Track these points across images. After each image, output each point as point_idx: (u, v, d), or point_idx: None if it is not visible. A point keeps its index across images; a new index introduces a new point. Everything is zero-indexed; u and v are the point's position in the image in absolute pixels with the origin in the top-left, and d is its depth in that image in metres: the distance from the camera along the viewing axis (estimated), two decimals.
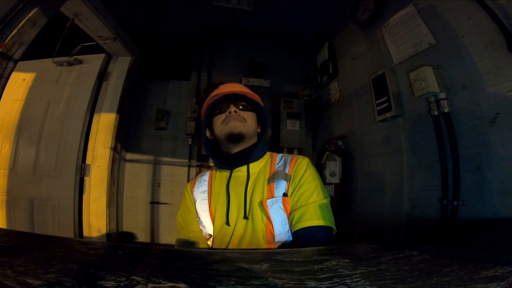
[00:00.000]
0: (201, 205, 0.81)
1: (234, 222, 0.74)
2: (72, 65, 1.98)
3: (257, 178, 0.78)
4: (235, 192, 0.77)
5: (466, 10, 0.96)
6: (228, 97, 0.80)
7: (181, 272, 0.39)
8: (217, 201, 0.79)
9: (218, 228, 0.76)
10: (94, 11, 1.51)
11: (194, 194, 0.84)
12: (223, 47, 2.42)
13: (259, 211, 0.73)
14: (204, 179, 0.87)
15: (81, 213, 1.83)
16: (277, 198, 0.72)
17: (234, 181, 0.79)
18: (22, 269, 0.36)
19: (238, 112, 0.78)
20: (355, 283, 0.35)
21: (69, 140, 1.85)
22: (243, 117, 0.78)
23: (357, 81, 1.61)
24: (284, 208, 0.72)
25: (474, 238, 0.64)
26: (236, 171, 0.80)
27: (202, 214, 0.79)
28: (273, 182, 0.75)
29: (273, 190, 0.74)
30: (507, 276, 0.35)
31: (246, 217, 0.73)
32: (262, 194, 0.74)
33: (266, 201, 0.72)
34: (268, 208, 0.71)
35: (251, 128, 0.80)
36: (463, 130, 0.96)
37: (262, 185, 0.76)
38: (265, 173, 0.79)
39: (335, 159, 1.68)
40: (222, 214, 0.77)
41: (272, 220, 0.70)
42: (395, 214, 1.23)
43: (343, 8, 1.79)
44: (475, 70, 0.92)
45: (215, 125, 0.81)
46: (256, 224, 0.72)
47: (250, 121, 0.80)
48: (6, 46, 0.95)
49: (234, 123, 0.76)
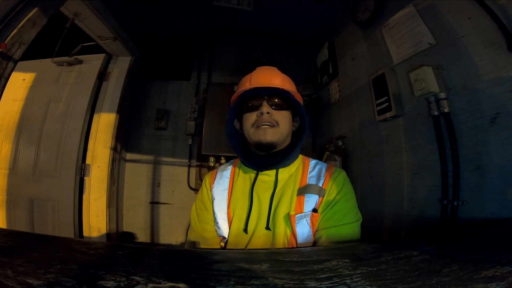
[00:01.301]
0: (219, 205, 0.74)
1: (253, 230, 0.69)
2: (72, 65, 1.98)
3: (286, 186, 0.71)
4: (258, 198, 0.71)
5: (466, 10, 0.95)
6: (262, 91, 0.71)
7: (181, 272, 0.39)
8: (237, 204, 0.73)
9: (234, 233, 0.70)
10: (94, 11, 1.52)
11: (213, 191, 0.76)
12: (223, 47, 2.42)
13: (283, 223, 0.67)
14: (225, 175, 0.79)
15: (81, 213, 1.83)
16: (306, 213, 0.66)
17: (260, 185, 0.72)
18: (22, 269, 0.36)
19: (270, 113, 0.69)
20: (355, 283, 0.35)
21: (69, 140, 1.85)
22: (275, 120, 0.69)
23: (357, 81, 1.61)
24: (311, 223, 0.66)
25: (474, 238, 0.64)
26: (263, 174, 0.72)
27: (218, 215, 0.73)
28: (303, 195, 0.68)
29: (302, 204, 0.68)
30: (507, 276, 0.35)
31: (268, 228, 0.67)
32: (289, 206, 0.68)
33: (294, 216, 0.66)
34: (295, 223, 0.65)
35: (284, 133, 0.71)
36: (463, 130, 0.95)
37: (291, 196, 0.69)
38: (295, 181, 0.72)
39: (335, 159, 1.68)
40: (241, 219, 0.70)
41: (297, 235, 0.65)
42: (395, 214, 1.23)
43: (343, 8, 1.79)
44: (475, 70, 0.92)
45: (245, 123, 0.72)
46: (278, 236, 0.67)
47: (284, 124, 0.71)
48: (6, 46, 0.95)
49: (264, 130, 0.68)
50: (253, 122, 0.70)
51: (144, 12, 2.09)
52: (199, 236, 0.75)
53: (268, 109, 0.69)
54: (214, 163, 2.02)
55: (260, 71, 0.78)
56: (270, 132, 0.68)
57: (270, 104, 0.70)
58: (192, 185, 2.13)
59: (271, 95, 0.71)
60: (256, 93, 0.71)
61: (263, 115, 0.69)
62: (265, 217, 0.68)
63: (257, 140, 0.69)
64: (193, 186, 2.13)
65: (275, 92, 0.71)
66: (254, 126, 0.70)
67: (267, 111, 0.69)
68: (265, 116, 0.69)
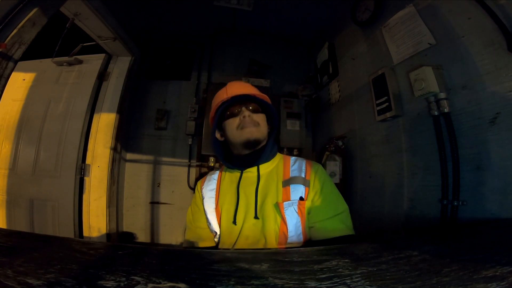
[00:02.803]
0: (208, 203, 0.83)
1: (242, 222, 0.76)
2: (72, 65, 1.98)
3: (269, 179, 0.80)
4: (244, 192, 0.79)
5: (466, 10, 0.96)
6: (239, 99, 0.81)
7: (181, 272, 0.39)
8: (225, 200, 0.81)
9: (225, 226, 0.78)
10: (94, 11, 1.51)
11: (203, 192, 0.86)
12: (223, 47, 2.42)
13: (271, 212, 0.74)
14: (213, 177, 0.89)
15: (81, 213, 1.83)
16: (293, 201, 0.74)
17: (245, 182, 0.81)
18: (22, 269, 0.36)
19: (251, 115, 0.79)
20: (355, 283, 0.35)
21: (69, 140, 1.85)
22: (256, 121, 0.79)
23: (357, 81, 1.61)
24: (299, 211, 0.73)
25: (474, 238, 0.64)
26: (247, 172, 0.81)
27: (208, 211, 0.81)
28: (289, 186, 0.76)
29: (289, 193, 0.75)
30: (507, 276, 0.35)
31: (257, 217, 0.74)
32: (276, 196, 0.76)
33: (282, 203, 0.73)
34: (284, 210, 0.73)
35: (264, 132, 0.81)
36: (463, 130, 0.96)
37: (276, 187, 0.77)
38: (278, 175, 0.80)
39: (335, 159, 1.68)
40: (229, 213, 0.78)
41: (287, 221, 0.72)
42: (395, 214, 1.23)
43: (343, 8, 1.79)
44: (475, 70, 0.92)
45: (228, 129, 0.81)
46: (267, 225, 0.73)
47: (262, 124, 0.81)
48: (6, 46, 0.95)
49: (249, 129, 0.77)
50: (237, 125, 0.79)
51: (144, 12, 2.09)
52: (194, 234, 0.83)
53: (249, 113, 0.79)
54: (214, 163, 2.02)
55: (233, 84, 0.87)
56: (254, 130, 0.78)
57: (248, 109, 0.80)
58: (192, 185, 2.13)
59: (247, 101, 0.81)
60: (235, 101, 0.81)
61: (245, 118, 0.78)
62: (253, 208, 0.76)
63: (245, 138, 0.78)
64: (193, 186, 2.13)
65: (251, 99, 0.82)
66: (239, 128, 0.78)
67: (248, 114, 0.78)
68: (247, 118, 0.78)
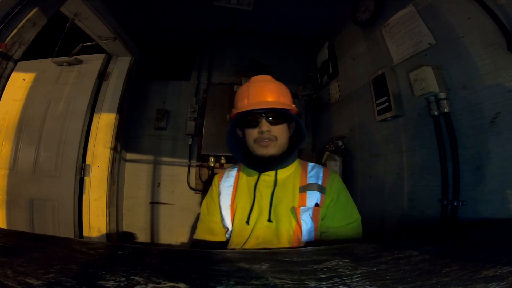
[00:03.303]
0: (224, 198, 0.84)
1: (254, 222, 0.77)
2: (72, 65, 1.98)
3: (285, 184, 0.80)
4: (260, 194, 0.80)
5: (466, 10, 0.95)
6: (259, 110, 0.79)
7: (181, 272, 0.39)
8: (240, 199, 0.82)
9: (238, 224, 0.79)
10: (94, 11, 1.51)
11: (220, 187, 0.87)
12: (223, 47, 2.42)
13: (286, 215, 0.75)
14: (231, 174, 0.89)
15: (81, 213, 1.83)
16: (308, 207, 0.75)
17: (262, 184, 0.82)
18: (22, 269, 0.36)
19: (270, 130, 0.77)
20: (355, 283, 0.35)
21: (69, 140, 1.85)
22: (274, 135, 0.78)
23: (357, 81, 1.61)
24: (313, 216, 0.75)
25: (474, 238, 0.64)
26: (264, 175, 0.82)
27: (223, 207, 0.82)
28: (305, 192, 0.77)
29: (305, 199, 0.76)
30: (507, 276, 0.35)
31: (270, 220, 0.75)
32: (292, 201, 0.77)
33: (299, 208, 0.75)
34: (300, 215, 0.74)
35: (282, 145, 0.81)
36: (463, 130, 0.95)
37: (292, 192, 0.78)
38: (295, 180, 0.81)
39: (335, 159, 1.68)
40: (243, 212, 0.79)
41: (302, 226, 0.74)
42: (395, 214, 1.23)
43: (343, 8, 1.79)
44: (475, 70, 0.92)
45: (248, 138, 0.81)
46: (281, 227, 0.74)
47: (281, 137, 0.80)
48: (6, 46, 0.95)
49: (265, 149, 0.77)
50: (255, 138, 0.79)
51: (144, 12, 2.09)
52: (207, 228, 0.85)
53: (267, 127, 0.77)
54: (214, 163, 2.02)
55: (256, 85, 0.84)
56: (271, 146, 0.78)
57: (267, 119, 0.78)
58: (192, 185, 2.13)
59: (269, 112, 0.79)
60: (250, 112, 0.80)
61: (263, 133, 0.77)
62: (267, 210, 0.77)
63: (260, 154, 0.79)
64: (193, 186, 2.13)
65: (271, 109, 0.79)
66: (256, 142, 0.79)
67: (266, 129, 0.77)
68: (265, 134, 0.77)
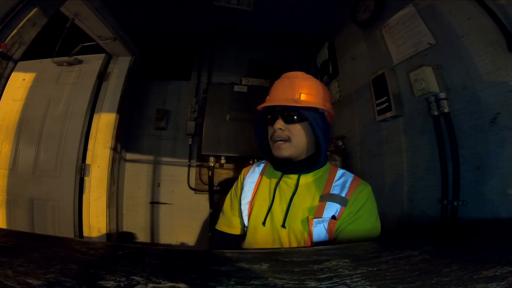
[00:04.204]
0: (246, 193, 0.83)
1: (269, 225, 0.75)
2: (72, 65, 1.98)
3: (308, 190, 0.76)
4: (280, 196, 0.78)
5: (466, 10, 0.95)
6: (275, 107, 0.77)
7: (181, 272, 0.39)
8: (260, 197, 0.81)
9: (253, 222, 0.78)
10: (94, 11, 1.51)
11: (245, 182, 0.87)
12: (223, 47, 2.42)
13: (301, 225, 0.71)
14: (257, 170, 0.88)
15: (81, 213, 1.83)
16: (324, 219, 0.70)
17: (283, 186, 0.79)
18: (22, 269, 0.36)
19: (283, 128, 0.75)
20: (355, 283, 0.35)
21: (69, 140, 1.85)
22: (288, 135, 0.75)
23: (357, 81, 1.61)
24: (328, 229, 0.70)
25: (474, 238, 0.64)
26: (287, 177, 0.80)
27: (243, 202, 0.82)
28: (325, 202, 0.72)
29: (323, 210, 0.71)
30: (507, 276, 0.35)
31: (284, 226, 0.73)
32: (309, 209, 0.72)
33: (312, 219, 0.70)
34: (313, 227, 0.70)
35: (299, 146, 0.76)
36: (463, 130, 0.95)
37: (312, 200, 0.74)
38: (318, 187, 0.76)
39: (335, 159, 1.68)
40: (259, 211, 0.78)
41: (313, 238, 0.70)
42: (395, 214, 1.23)
43: (343, 8, 1.79)
44: (475, 70, 0.92)
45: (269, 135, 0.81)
46: (293, 236, 0.72)
47: (297, 138, 0.75)
48: (6, 46, 0.95)
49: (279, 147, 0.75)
50: (271, 136, 0.78)
51: (144, 12, 2.09)
52: (227, 220, 0.86)
53: (281, 125, 0.75)
54: (214, 163, 2.02)
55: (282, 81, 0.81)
56: (283, 147, 0.75)
57: (283, 118, 0.76)
58: (192, 185, 2.13)
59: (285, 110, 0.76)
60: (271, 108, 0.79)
61: (276, 132, 0.75)
62: (283, 215, 0.74)
63: (274, 155, 0.78)
64: (193, 186, 2.13)
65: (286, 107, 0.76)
66: (271, 140, 0.78)
67: (279, 127, 0.75)
68: (278, 132, 0.75)
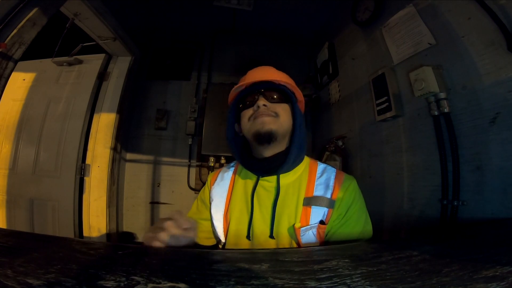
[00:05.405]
0: (217, 206, 0.72)
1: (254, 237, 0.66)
2: (72, 65, 1.98)
3: (289, 193, 0.67)
4: (259, 204, 0.67)
5: (466, 10, 0.96)
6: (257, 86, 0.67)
7: (181, 272, 0.39)
8: (235, 207, 0.69)
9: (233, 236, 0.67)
10: (94, 11, 1.51)
11: (213, 192, 0.74)
12: (223, 47, 2.42)
13: (287, 233, 0.63)
14: (226, 177, 0.76)
15: (81, 213, 1.83)
16: (312, 225, 0.62)
17: (261, 191, 0.68)
18: (22, 269, 0.36)
19: (268, 105, 0.65)
20: (355, 283, 0.35)
21: (69, 140, 1.85)
22: (274, 111, 0.65)
23: (357, 81, 1.61)
24: (317, 234, 0.63)
25: (474, 238, 0.64)
26: (264, 180, 0.69)
27: (215, 216, 0.71)
28: (310, 207, 0.64)
29: (309, 215, 0.63)
30: (507, 276, 0.35)
31: (272, 237, 0.64)
32: (294, 216, 0.64)
33: (299, 228, 0.62)
34: (301, 236, 0.62)
35: (284, 125, 0.66)
36: (463, 130, 0.96)
37: (296, 204, 0.65)
38: (300, 188, 0.67)
39: (335, 159, 1.68)
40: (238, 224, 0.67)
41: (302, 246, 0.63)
42: (395, 214, 1.23)
43: (343, 8, 1.79)
44: (475, 70, 0.92)
45: (242, 120, 0.68)
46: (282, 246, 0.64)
47: (284, 116, 0.66)
48: (6, 46, 0.95)
49: (261, 119, 0.63)
50: (250, 115, 0.66)
51: (144, 12, 2.09)
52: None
53: (265, 102, 0.66)
54: (214, 163, 2.02)
55: (255, 70, 0.74)
56: (268, 120, 0.64)
57: (267, 98, 0.67)
58: (192, 185, 2.13)
59: (267, 89, 0.67)
60: (252, 89, 0.68)
61: (259, 108, 0.65)
62: (268, 225, 0.65)
63: (255, 130, 0.65)
64: (193, 186, 2.13)
65: (271, 86, 0.68)
66: (251, 119, 0.66)
67: (263, 103, 0.65)
68: (261, 108, 0.65)
